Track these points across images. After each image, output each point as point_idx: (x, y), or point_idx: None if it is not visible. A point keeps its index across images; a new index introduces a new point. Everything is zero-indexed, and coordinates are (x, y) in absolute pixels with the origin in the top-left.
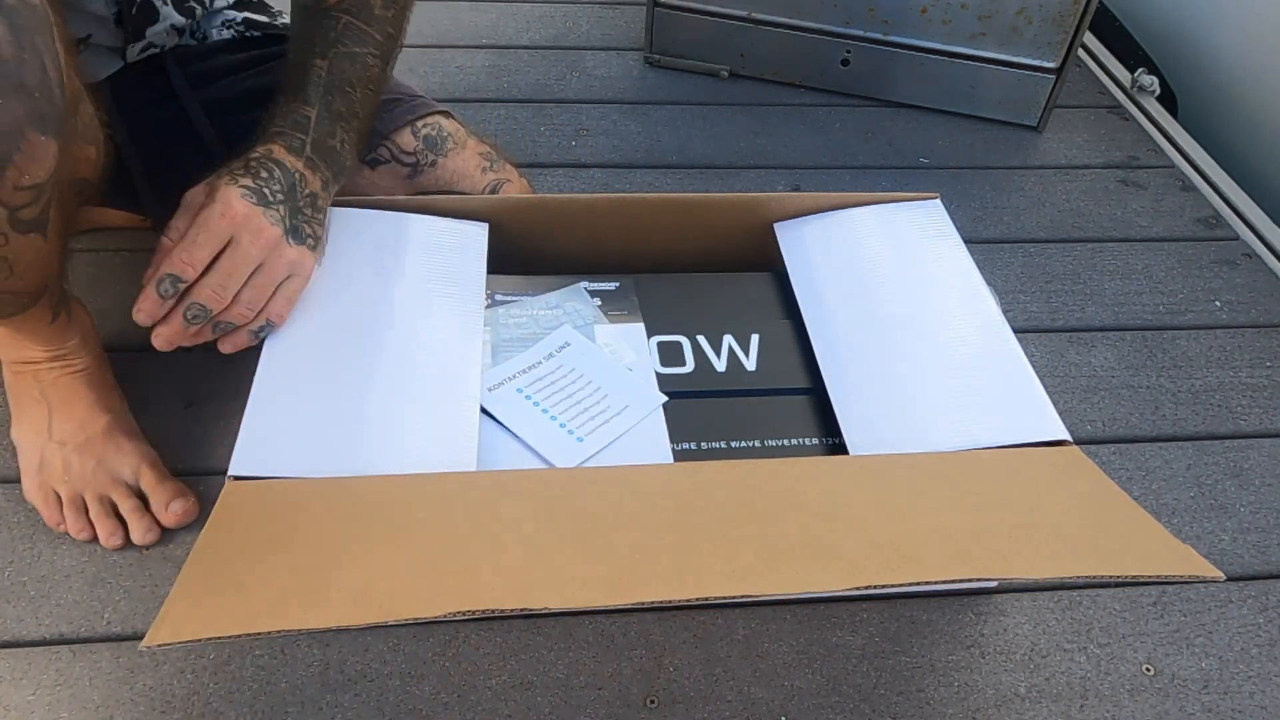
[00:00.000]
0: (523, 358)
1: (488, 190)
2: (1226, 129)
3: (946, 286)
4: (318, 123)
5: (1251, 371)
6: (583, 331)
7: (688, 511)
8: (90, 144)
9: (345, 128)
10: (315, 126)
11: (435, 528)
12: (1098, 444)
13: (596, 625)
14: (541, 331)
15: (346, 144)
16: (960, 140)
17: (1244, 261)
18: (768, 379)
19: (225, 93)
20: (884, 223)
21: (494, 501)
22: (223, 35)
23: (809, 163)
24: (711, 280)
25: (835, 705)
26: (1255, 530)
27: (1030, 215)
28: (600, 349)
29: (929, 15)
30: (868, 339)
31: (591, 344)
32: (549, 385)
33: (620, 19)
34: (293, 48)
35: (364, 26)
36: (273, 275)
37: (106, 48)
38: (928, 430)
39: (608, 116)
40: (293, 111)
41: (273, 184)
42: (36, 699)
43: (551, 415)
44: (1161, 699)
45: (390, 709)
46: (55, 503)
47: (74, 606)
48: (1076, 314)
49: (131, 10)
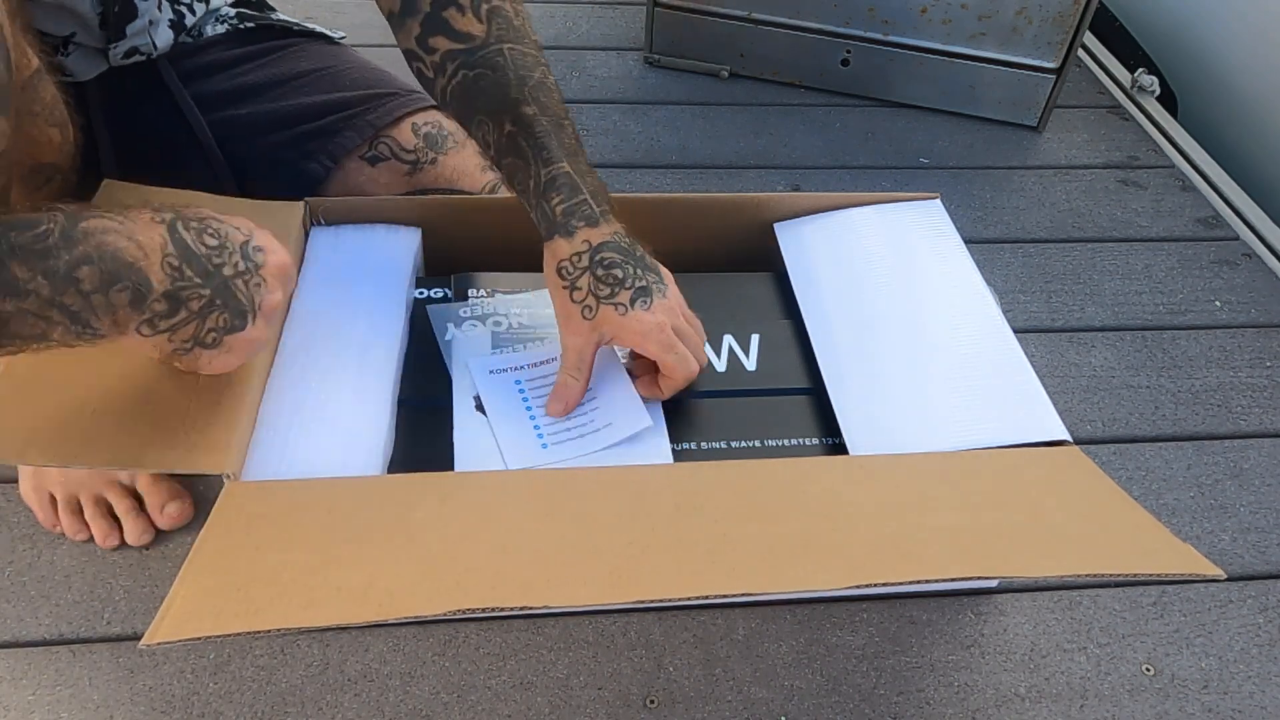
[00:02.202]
0: (538, 352)
1: (487, 189)
2: (1226, 129)
3: (947, 286)
4: (579, 175)
5: (1251, 371)
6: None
7: (688, 511)
8: (53, 126)
9: (582, 156)
10: (583, 180)
11: (435, 528)
12: (1098, 444)
13: (596, 625)
14: (540, 326)
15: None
16: (960, 140)
17: (1244, 261)
18: (768, 379)
19: (219, 88)
20: (884, 223)
21: (494, 501)
22: (216, 30)
23: (809, 163)
24: (711, 280)
25: (835, 705)
26: (1255, 530)
27: (1030, 215)
28: (619, 359)
29: (929, 15)
30: (868, 339)
31: (614, 353)
32: (548, 385)
33: (620, 19)
34: (479, 100)
35: (523, 48)
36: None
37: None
38: (928, 430)
39: (608, 116)
40: (562, 181)
41: (629, 268)
42: (36, 699)
43: (532, 414)
44: (1161, 699)
45: (390, 709)
46: (50, 504)
47: (74, 606)
48: (1076, 314)
49: (114, 8)
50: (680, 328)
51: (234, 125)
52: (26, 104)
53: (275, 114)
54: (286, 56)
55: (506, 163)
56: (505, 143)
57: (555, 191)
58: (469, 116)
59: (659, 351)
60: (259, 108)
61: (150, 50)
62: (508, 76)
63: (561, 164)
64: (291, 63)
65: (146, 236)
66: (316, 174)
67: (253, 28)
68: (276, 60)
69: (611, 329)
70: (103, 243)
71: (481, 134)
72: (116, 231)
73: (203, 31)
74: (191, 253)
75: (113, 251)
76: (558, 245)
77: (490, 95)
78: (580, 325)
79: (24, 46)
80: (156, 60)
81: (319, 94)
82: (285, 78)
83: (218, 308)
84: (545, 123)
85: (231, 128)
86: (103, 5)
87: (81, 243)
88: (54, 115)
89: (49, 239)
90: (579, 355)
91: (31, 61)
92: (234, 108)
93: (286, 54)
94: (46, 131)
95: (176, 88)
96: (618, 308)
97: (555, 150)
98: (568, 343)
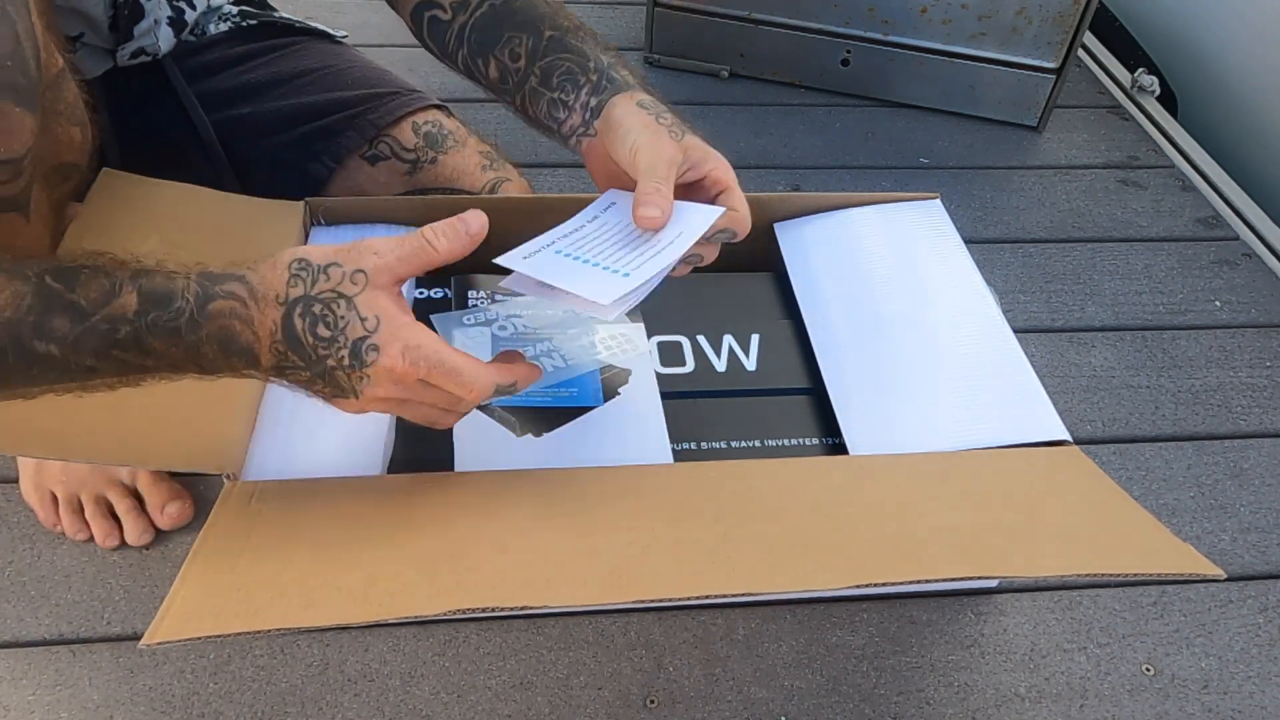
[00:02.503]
0: (566, 225)
1: (487, 189)
2: (1226, 129)
3: (946, 286)
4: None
5: (1251, 371)
6: (583, 330)
7: (688, 511)
8: (75, 125)
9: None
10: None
11: (435, 528)
12: (1098, 444)
13: (596, 625)
14: (542, 328)
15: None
16: (960, 140)
17: (1244, 261)
18: (768, 379)
19: (222, 86)
20: (884, 223)
21: (494, 501)
22: (220, 29)
23: (809, 163)
24: (711, 280)
25: (835, 705)
26: (1255, 530)
27: (1030, 215)
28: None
29: (929, 15)
30: (868, 339)
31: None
32: (592, 241)
33: (620, 19)
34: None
35: None
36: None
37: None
38: (928, 430)
39: None
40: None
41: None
42: (36, 699)
43: (594, 263)
44: (1161, 699)
45: (390, 709)
46: (51, 503)
47: (74, 606)
48: (1076, 314)
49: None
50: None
51: (237, 125)
52: (52, 103)
53: (278, 113)
54: (289, 55)
55: (547, 61)
56: (548, 44)
57: (620, 69)
58: (496, 38)
59: (733, 180)
60: (261, 107)
61: (156, 51)
62: (538, 2)
63: (613, 59)
64: (294, 61)
65: (262, 321)
66: (318, 174)
67: (255, 25)
68: (279, 59)
69: (697, 153)
70: (224, 326)
71: (510, 49)
72: (239, 316)
73: (206, 30)
74: (299, 342)
75: (231, 335)
76: (636, 94)
77: (525, 13)
78: (669, 142)
79: (51, 46)
80: (161, 59)
81: (321, 93)
82: (287, 76)
83: (320, 383)
84: (584, 37)
85: (234, 127)
86: (114, 7)
87: (206, 325)
88: (75, 114)
89: (181, 318)
90: (669, 165)
91: (57, 61)
92: (237, 107)
93: (289, 53)
94: (69, 130)
95: (181, 86)
96: (698, 135)
97: (604, 55)
98: (660, 153)
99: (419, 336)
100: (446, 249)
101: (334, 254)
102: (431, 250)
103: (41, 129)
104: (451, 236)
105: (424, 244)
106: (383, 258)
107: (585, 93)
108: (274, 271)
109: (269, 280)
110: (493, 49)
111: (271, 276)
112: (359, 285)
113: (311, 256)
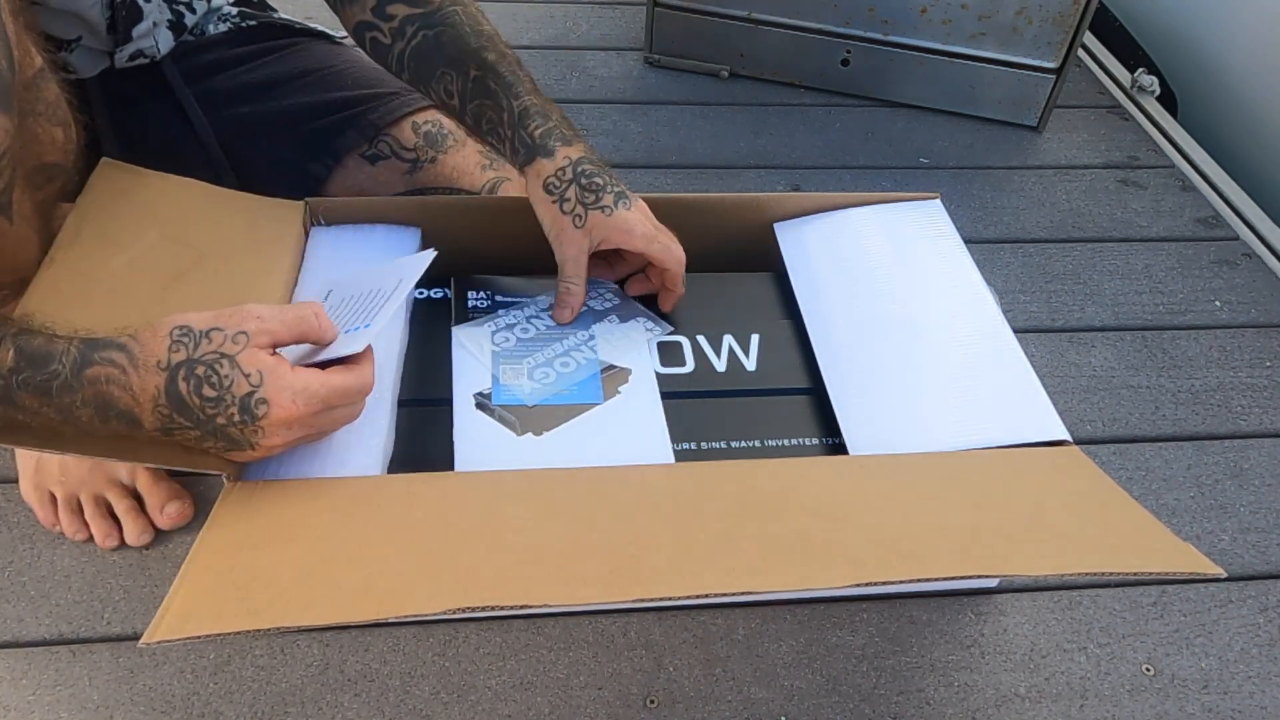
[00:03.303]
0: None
1: (487, 189)
2: (1226, 129)
3: (946, 286)
4: (546, 106)
5: (1251, 371)
6: (583, 329)
7: (688, 511)
8: (57, 125)
9: (541, 92)
10: (551, 110)
11: (435, 528)
12: (1098, 444)
13: (596, 625)
14: (545, 332)
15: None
16: (960, 140)
17: (1244, 261)
18: (768, 379)
19: (222, 86)
20: (884, 223)
21: (494, 501)
22: (219, 29)
23: (809, 163)
24: (711, 280)
25: (835, 705)
26: (1255, 530)
27: (1030, 215)
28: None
29: (929, 15)
30: (868, 339)
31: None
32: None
33: (620, 19)
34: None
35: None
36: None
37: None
38: (928, 430)
39: (608, 116)
40: (534, 111)
41: (605, 176)
42: (36, 699)
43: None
44: (1161, 699)
45: (390, 709)
46: (50, 503)
47: (74, 606)
48: (1076, 314)
49: (121, 12)
50: (655, 224)
51: (236, 124)
52: (30, 103)
53: (277, 113)
54: (288, 55)
55: (474, 105)
56: (473, 86)
57: (530, 119)
58: (430, 72)
59: (645, 244)
60: (261, 107)
61: (155, 53)
62: (465, 31)
63: (530, 97)
64: (293, 62)
65: (142, 386)
66: (318, 174)
67: (255, 26)
68: (279, 59)
69: (601, 231)
70: (101, 392)
71: (444, 86)
72: (116, 382)
73: (205, 30)
74: (184, 405)
75: (108, 400)
76: (540, 165)
77: (453, 47)
78: (574, 235)
79: (27, 45)
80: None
81: (321, 93)
82: (287, 76)
83: (212, 440)
84: (507, 66)
85: (234, 127)
86: (110, 10)
87: (81, 390)
88: (57, 114)
89: (55, 380)
90: (576, 263)
91: (35, 60)
92: (236, 107)
93: (288, 53)
94: (50, 131)
95: (179, 86)
96: (604, 210)
97: (521, 87)
98: (566, 253)
99: (303, 379)
100: (330, 330)
101: (215, 319)
102: (315, 324)
103: (19, 129)
104: (325, 323)
105: (309, 315)
106: (265, 321)
107: (509, 151)
108: (155, 339)
109: (150, 348)
110: (429, 82)
111: (152, 344)
112: (240, 345)
113: (193, 323)
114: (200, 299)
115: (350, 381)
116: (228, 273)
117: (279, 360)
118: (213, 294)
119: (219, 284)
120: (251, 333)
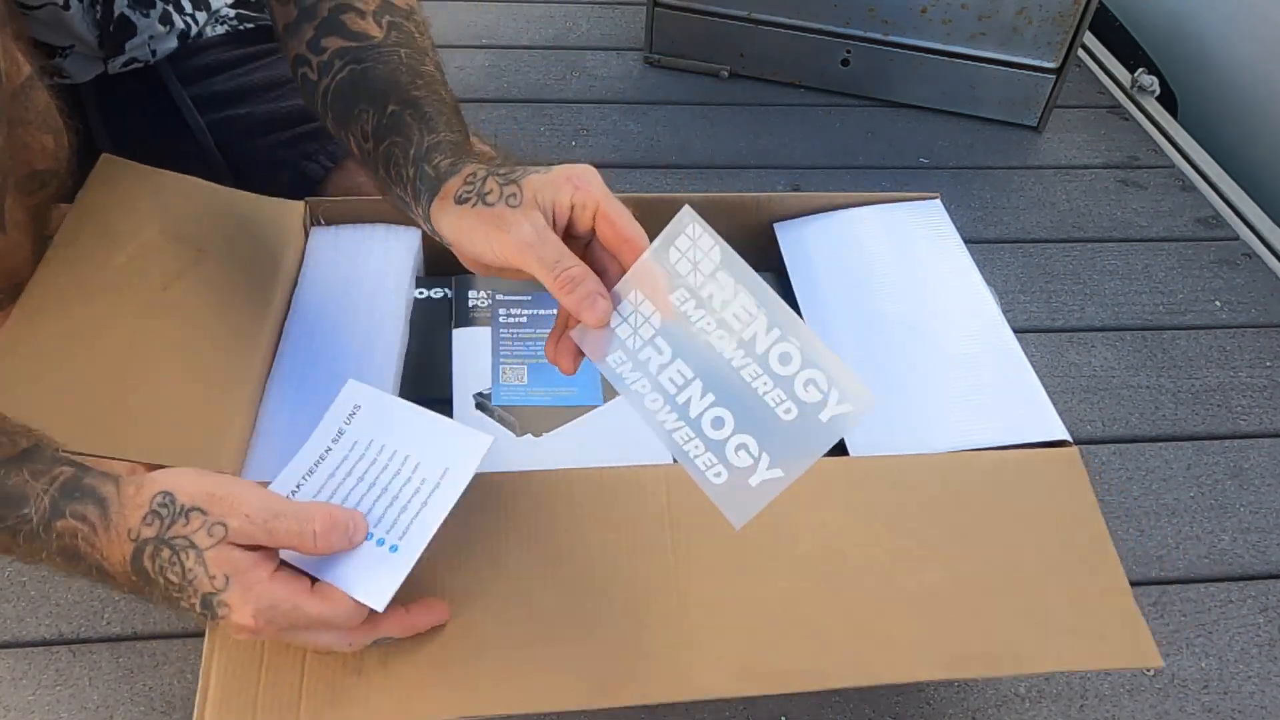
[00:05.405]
0: (311, 446)
1: None
2: (1226, 129)
3: (946, 286)
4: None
5: (1251, 371)
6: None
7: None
8: (47, 133)
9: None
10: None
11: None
12: (1098, 444)
13: None
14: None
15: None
16: (960, 140)
17: (1244, 261)
18: None
19: (219, 89)
20: (884, 223)
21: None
22: (216, 31)
23: (809, 163)
24: None
25: (835, 705)
26: (1255, 530)
27: (1030, 215)
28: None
29: (929, 15)
30: (868, 339)
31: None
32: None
33: (620, 19)
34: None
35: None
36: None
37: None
38: (928, 430)
39: (607, 116)
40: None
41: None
42: (36, 699)
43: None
44: (1161, 699)
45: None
46: None
47: (74, 606)
48: (1076, 314)
49: (109, 28)
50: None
51: (233, 125)
52: (18, 112)
53: (274, 114)
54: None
55: (385, 145)
56: (387, 122)
57: (439, 153)
58: (349, 110)
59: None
60: (258, 108)
61: (149, 59)
62: (399, 71)
63: (448, 134)
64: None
65: (111, 550)
66: (316, 174)
67: (252, 28)
68: (277, 61)
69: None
70: (68, 546)
71: (360, 125)
72: (86, 539)
73: (203, 33)
74: (150, 579)
75: (76, 553)
76: (447, 186)
77: (379, 82)
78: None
79: (14, 54)
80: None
81: None
82: (285, 78)
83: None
84: (434, 105)
85: (231, 128)
86: (99, 28)
87: (50, 542)
88: (47, 122)
89: (25, 525)
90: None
91: (23, 69)
92: (233, 108)
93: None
94: (40, 138)
95: (175, 89)
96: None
97: (442, 125)
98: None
99: (272, 595)
100: (324, 548)
101: (203, 498)
102: (310, 542)
103: (8, 137)
104: (335, 542)
105: (302, 531)
106: (252, 524)
107: (410, 194)
108: (136, 499)
109: (127, 510)
110: (347, 124)
111: (131, 507)
112: (215, 539)
113: (179, 494)
114: (200, 298)
115: (327, 613)
116: (228, 272)
117: (255, 563)
118: (212, 294)
119: (219, 283)
120: (232, 530)
